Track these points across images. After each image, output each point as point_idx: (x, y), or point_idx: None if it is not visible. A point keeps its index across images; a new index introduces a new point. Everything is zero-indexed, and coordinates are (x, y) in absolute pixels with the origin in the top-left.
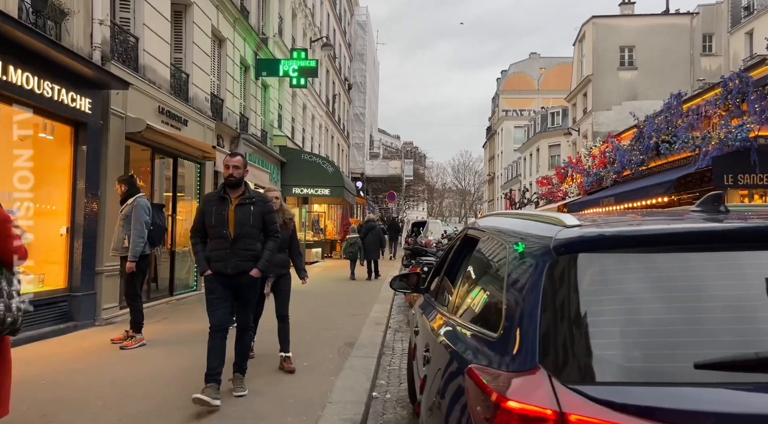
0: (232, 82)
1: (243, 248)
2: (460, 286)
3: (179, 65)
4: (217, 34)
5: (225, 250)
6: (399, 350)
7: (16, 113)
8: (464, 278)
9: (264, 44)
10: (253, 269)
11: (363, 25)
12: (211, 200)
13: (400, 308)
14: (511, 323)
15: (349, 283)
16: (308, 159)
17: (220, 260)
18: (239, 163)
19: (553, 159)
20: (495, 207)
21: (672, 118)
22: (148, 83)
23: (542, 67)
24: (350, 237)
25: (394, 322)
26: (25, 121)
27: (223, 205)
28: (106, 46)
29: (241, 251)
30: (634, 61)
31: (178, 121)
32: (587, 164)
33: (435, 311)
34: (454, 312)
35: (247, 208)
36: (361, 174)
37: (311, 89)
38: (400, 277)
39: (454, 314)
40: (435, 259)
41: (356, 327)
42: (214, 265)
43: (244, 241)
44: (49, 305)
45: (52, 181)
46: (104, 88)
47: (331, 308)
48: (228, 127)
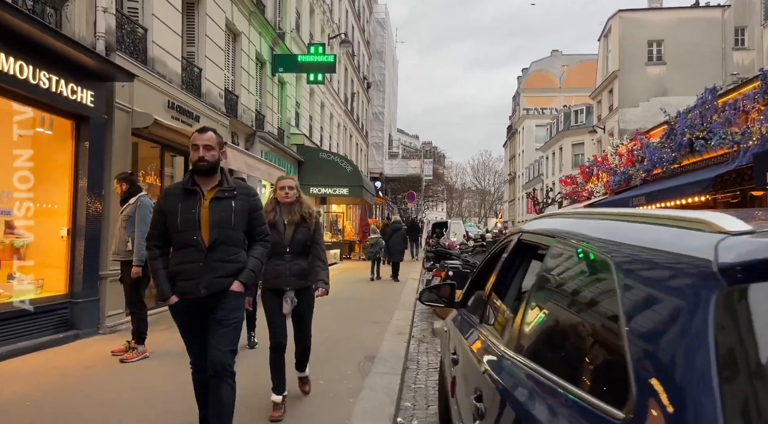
0: (247, 77)
1: (222, 259)
2: (523, 312)
3: (191, 59)
4: (232, 28)
5: (197, 263)
6: (424, 364)
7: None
8: (527, 303)
9: (281, 39)
10: (234, 283)
11: (382, 22)
12: (173, 195)
13: (423, 315)
14: (654, 396)
15: (368, 286)
16: (326, 158)
17: (191, 277)
18: (211, 141)
19: (577, 158)
20: (516, 207)
21: (707, 114)
22: (158, 77)
23: (564, 65)
24: (372, 238)
25: (417, 331)
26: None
27: (191, 201)
28: (110, 35)
29: (219, 264)
30: (662, 56)
31: (190, 117)
32: (614, 163)
33: (482, 338)
34: (516, 348)
35: (226, 203)
36: (379, 174)
37: (329, 87)
38: (430, 288)
39: (518, 352)
40: (460, 262)
41: (377, 337)
42: (182, 285)
43: (223, 249)
44: (49, 313)
45: (51, 180)
46: (108, 80)
47: (349, 314)
48: (243, 125)
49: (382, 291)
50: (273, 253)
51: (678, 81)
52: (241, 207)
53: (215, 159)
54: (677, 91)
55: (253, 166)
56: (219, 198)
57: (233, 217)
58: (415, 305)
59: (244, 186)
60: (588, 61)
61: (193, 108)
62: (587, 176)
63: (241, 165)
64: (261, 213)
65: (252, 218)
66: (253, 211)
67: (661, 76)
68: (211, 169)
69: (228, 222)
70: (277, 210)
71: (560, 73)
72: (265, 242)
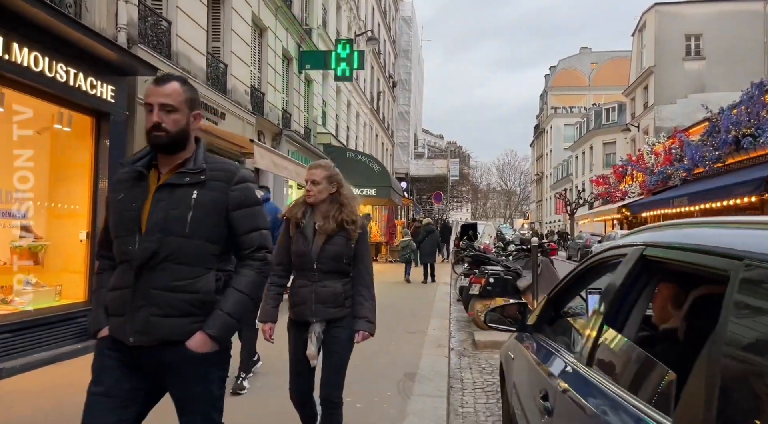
0: (273, 74)
1: (166, 287)
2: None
3: (216, 55)
4: (258, 23)
5: (127, 289)
6: (468, 382)
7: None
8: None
9: (307, 36)
10: (194, 336)
11: (408, 20)
12: (125, 180)
13: (460, 324)
14: None
15: (399, 289)
16: (354, 157)
17: (118, 311)
18: (174, 97)
19: (608, 157)
20: (544, 208)
21: (754, 110)
22: (182, 72)
23: (593, 62)
24: (403, 240)
25: (455, 342)
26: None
27: (137, 190)
28: (132, 28)
29: (161, 294)
30: (701, 51)
31: (215, 115)
32: (650, 162)
33: (595, 384)
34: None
35: (181, 194)
36: (405, 174)
37: (356, 86)
38: (494, 309)
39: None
40: (501, 268)
41: (415, 350)
42: (111, 323)
43: (168, 270)
44: (66, 322)
45: (69, 179)
46: (129, 74)
47: (382, 323)
48: (269, 123)
49: (413, 296)
50: (298, 269)
51: (718, 76)
52: (210, 201)
53: (180, 128)
54: (717, 87)
55: (281, 166)
56: (172, 185)
57: (190, 216)
58: (450, 311)
59: (225, 167)
60: (618, 58)
61: (219, 105)
62: (621, 176)
63: (268, 164)
64: (252, 212)
65: (234, 220)
66: (236, 208)
67: (699, 72)
68: (171, 144)
69: (179, 225)
70: (308, 210)
71: (589, 71)
72: (261, 263)
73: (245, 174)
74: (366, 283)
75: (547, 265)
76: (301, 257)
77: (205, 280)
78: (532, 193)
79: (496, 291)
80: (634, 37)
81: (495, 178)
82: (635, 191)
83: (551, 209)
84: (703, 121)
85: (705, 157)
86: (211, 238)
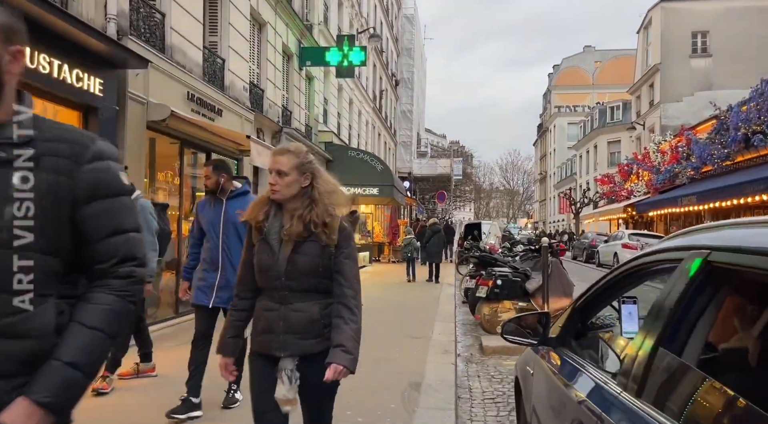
0: (273, 70)
1: None
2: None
3: (214, 49)
4: (257, 17)
5: None
6: (477, 392)
7: None
8: None
9: (308, 32)
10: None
11: (411, 18)
12: None
13: (466, 327)
14: None
15: (402, 290)
16: (356, 156)
17: None
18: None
19: (613, 156)
20: (547, 207)
21: (764, 106)
22: (176, 66)
23: (597, 61)
24: (406, 238)
25: (462, 347)
26: None
27: None
28: (123, 18)
29: None
30: (708, 48)
31: (212, 111)
32: (656, 160)
33: (637, 418)
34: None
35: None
36: (408, 173)
37: (358, 83)
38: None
39: None
40: (509, 270)
41: (419, 357)
42: None
43: None
44: None
45: None
46: (119, 67)
47: (384, 327)
48: (269, 120)
49: (417, 297)
50: (263, 288)
51: (725, 74)
52: (46, 189)
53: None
54: (724, 85)
55: None
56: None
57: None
58: (455, 315)
59: (72, 136)
60: (622, 57)
61: (216, 101)
62: (626, 175)
63: (266, 161)
64: (114, 207)
65: (85, 219)
66: (88, 199)
67: (706, 69)
68: None
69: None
70: (272, 210)
71: (593, 70)
72: (127, 282)
73: (103, 148)
74: (348, 303)
75: (557, 266)
76: (265, 272)
77: (39, 315)
78: (536, 193)
79: (503, 294)
80: (640, 35)
81: (498, 177)
82: (641, 190)
83: (555, 209)
84: (711, 118)
85: (713, 155)
86: (48, 247)
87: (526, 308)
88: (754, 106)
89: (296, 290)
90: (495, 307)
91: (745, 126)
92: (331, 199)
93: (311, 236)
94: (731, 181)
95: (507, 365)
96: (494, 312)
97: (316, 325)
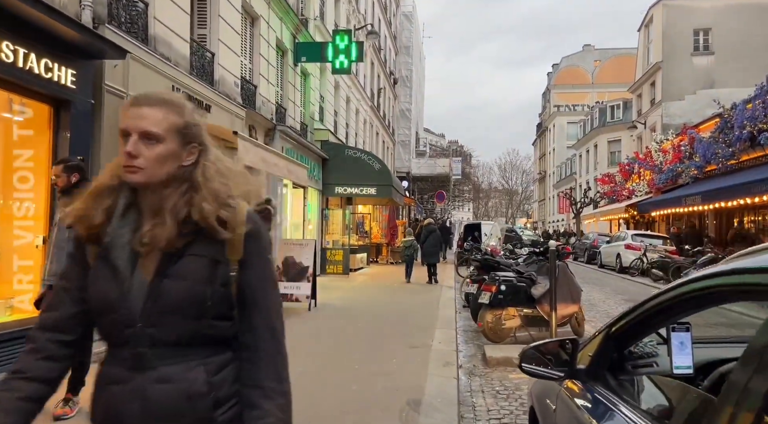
0: (266, 66)
1: None
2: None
3: (203, 42)
4: (249, 10)
5: None
6: (482, 410)
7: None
8: None
9: (304, 27)
10: None
11: (409, 16)
12: None
13: (467, 335)
14: None
15: (400, 294)
16: (353, 155)
17: None
18: None
19: (614, 155)
20: (547, 207)
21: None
22: (159, 58)
23: (597, 60)
24: (406, 240)
25: (464, 358)
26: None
27: None
28: (100, 6)
29: None
30: (710, 46)
31: (200, 107)
32: (658, 160)
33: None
34: None
35: None
36: (407, 173)
37: (355, 81)
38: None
39: None
40: (514, 274)
41: (418, 369)
42: None
43: None
44: (20, 340)
45: (21, 178)
46: (95, 57)
47: (381, 334)
48: (261, 117)
49: (416, 301)
50: (105, 340)
51: (727, 72)
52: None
53: None
54: (727, 83)
55: (271, 163)
56: None
57: None
58: (456, 320)
59: None
60: (622, 56)
61: (204, 96)
62: (627, 174)
63: (256, 160)
64: None
65: None
66: None
67: (708, 67)
68: None
69: None
70: (119, 203)
71: (592, 69)
72: None
73: None
74: (269, 359)
75: (563, 270)
76: (107, 314)
77: None
78: (535, 193)
79: (508, 300)
80: (641, 33)
81: (497, 177)
82: (642, 190)
83: (554, 208)
84: (714, 117)
85: (717, 154)
86: None
87: (532, 315)
88: (760, 103)
89: (163, 342)
90: (498, 314)
91: (750, 124)
92: (226, 183)
93: (194, 244)
94: (737, 180)
95: (513, 378)
96: (498, 320)
97: (197, 404)
